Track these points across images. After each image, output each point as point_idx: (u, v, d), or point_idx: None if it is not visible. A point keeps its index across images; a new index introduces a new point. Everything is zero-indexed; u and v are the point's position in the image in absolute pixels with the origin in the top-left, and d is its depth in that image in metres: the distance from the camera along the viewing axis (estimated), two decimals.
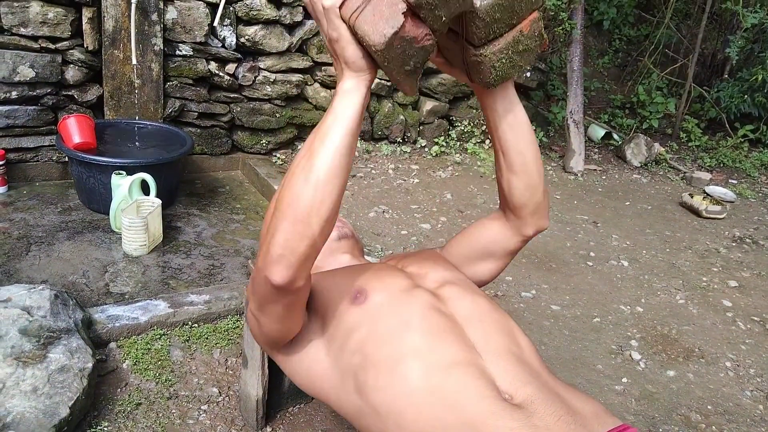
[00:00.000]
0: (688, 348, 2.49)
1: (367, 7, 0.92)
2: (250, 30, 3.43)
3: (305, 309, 1.19)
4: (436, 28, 0.96)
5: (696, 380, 2.28)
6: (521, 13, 1.06)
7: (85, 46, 3.02)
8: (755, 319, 2.79)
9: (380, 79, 4.07)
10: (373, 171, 4.00)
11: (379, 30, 0.91)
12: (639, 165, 5.04)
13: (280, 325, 1.15)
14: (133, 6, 2.97)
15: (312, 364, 1.19)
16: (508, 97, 1.19)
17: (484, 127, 4.72)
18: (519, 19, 1.07)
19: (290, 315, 1.13)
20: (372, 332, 1.11)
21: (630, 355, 2.38)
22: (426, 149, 4.52)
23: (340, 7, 0.94)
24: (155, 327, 1.99)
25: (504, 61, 1.09)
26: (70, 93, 3.07)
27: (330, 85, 3.86)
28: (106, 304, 2.08)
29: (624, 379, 2.23)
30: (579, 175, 4.60)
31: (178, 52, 3.27)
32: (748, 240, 3.78)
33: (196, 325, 2.06)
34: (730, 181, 5.00)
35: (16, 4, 2.80)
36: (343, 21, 0.95)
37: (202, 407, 1.76)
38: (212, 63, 3.40)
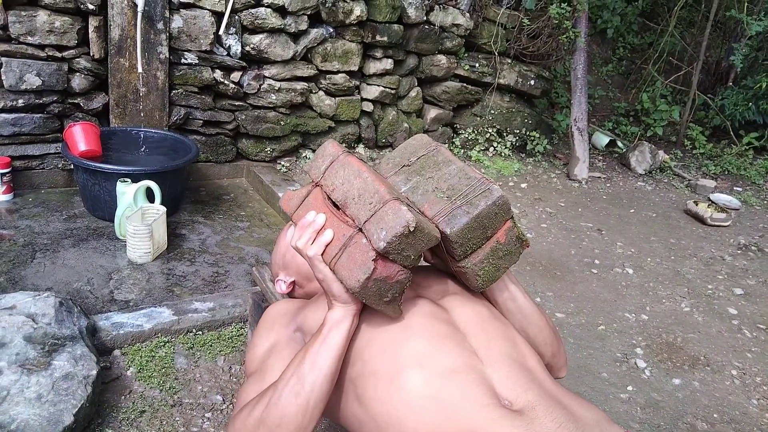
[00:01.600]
0: (693, 356, 2.48)
1: (343, 254, 1.05)
2: (255, 38, 3.45)
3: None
4: (408, 265, 1.06)
5: (702, 388, 2.27)
6: (493, 227, 1.16)
7: (91, 54, 3.04)
8: (761, 326, 2.78)
9: (384, 87, 4.08)
10: None
11: (354, 276, 1.03)
12: (643, 172, 5.03)
13: None
14: (139, 15, 2.99)
15: None
16: (506, 289, 1.26)
17: (488, 134, 4.72)
18: (493, 231, 1.17)
19: None
20: (372, 341, 1.11)
21: (635, 363, 2.37)
22: None
23: (323, 254, 1.07)
24: (159, 334, 1.99)
25: (487, 268, 1.18)
26: (76, 101, 3.09)
27: (334, 93, 3.87)
28: (111, 311, 2.08)
29: (629, 387, 2.21)
30: (583, 182, 4.60)
31: (183, 61, 3.29)
32: (753, 247, 3.76)
33: (200, 332, 2.06)
34: (734, 188, 4.99)
35: (23, 13, 2.82)
36: (326, 264, 1.08)
37: (206, 415, 1.76)
38: (217, 71, 3.42)
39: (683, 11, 6.18)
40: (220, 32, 3.31)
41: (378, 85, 4.08)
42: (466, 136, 4.69)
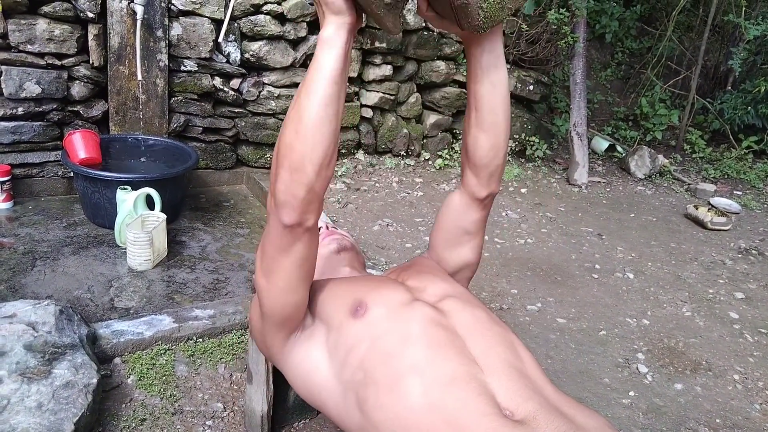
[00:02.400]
0: (695, 361, 2.47)
1: None
2: (255, 45, 3.45)
3: (308, 300, 1.22)
4: None
5: (704, 393, 2.26)
6: None
7: (90, 62, 3.05)
8: (763, 331, 2.77)
9: (383, 93, 4.09)
10: (377, 184, 4.00)
11: None
12: (643, 177, 5.04)
13: (287, 291, 1.17)
14: (139, 23, 3.00)
15: (312, 371, 1.18)
16: (495, 51, 1.19)
17: None
18: None
19: (298, 273, 1.16)
20: (372, 348, 1.10)
21: (637, 368, 2.36)
22: (430, 162, 4.52)
23: None
24: (160, 342, 1.99)
25: (491, 1, 1.06)
26: (75, 109, 3.10)
27: None
28: (111, 319, 2.08)
29: (631, 393, 2.21)
30: (583, 187, 4.60)
31: (183, 68, 3.29)
32: (754, 251, 3.76)
33: (200, 339, 2.06)
34: (734, 192, 4.99)
35: (23, 22, 2.83)
36: None
37: (206, 423, 1.75)
38: (217, 78, 3.42)
39: (681, 16, 6.20)
40: (220, 39, 3.32)
41: (377, 91, 4.09)
42: None
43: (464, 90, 4.53)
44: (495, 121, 1.23)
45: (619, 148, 5.45)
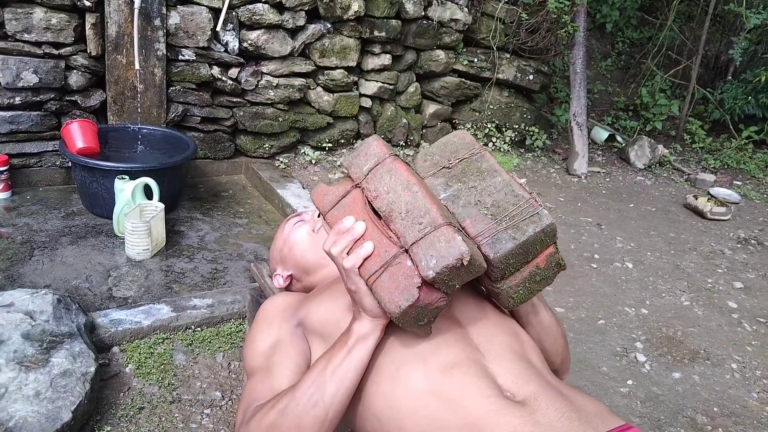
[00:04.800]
0: (693, 350, 2.48)
1: (384, 273, 0.97)
2: (253, 34, 3.44)
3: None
4: (449, 292, 0.99)
5: (702, 382, 2.27)
6: (536, 252, 1.09)
7: (88, 51, 3.03)
8: (761, 320, 2.78)
9: (382, 83, 4.08)
10: None
11: (395, 301, 0.96)
12: (643, 167, 5.03)
13: None
14: (136, 11, 2.98)
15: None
16: (532, 307, 1.23)
17: (487, 130, 4.71)
18: (534, 256, 1.10)
19: None
20: None
21: (635, 357, 2.37)
22: None
23: (359, 267, 0.99)
24: (158, 331, 1.99)
25: (521, 291, 1.12)
26: (73, 98, 3.08)
27: (333, 89, 3.86)
28: (109, 308, 2.08)
29: (629, 381, 2.21)
30: (583, 177, 4.59)
31: (181, 57, 3.28)
32: (753, 241, 3.76)
33: (199, 329, 2.06)
34: (734, 182, 4.98)
35: (19, 11, 2.81)
36: (362, 278, 1.00)
37: (205, 411, 1.76)
38: (215, 68, 3.41)
39: (682, 5, 6.17)
40: (218, 28, 3.30)
41: (376, 81, 4.07)
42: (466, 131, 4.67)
43: (463, 80, 4.52)
44: (542, 348, 1.23)
45: (618, 138, 5.44)
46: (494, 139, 4.73)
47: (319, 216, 1.48)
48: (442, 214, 0.98)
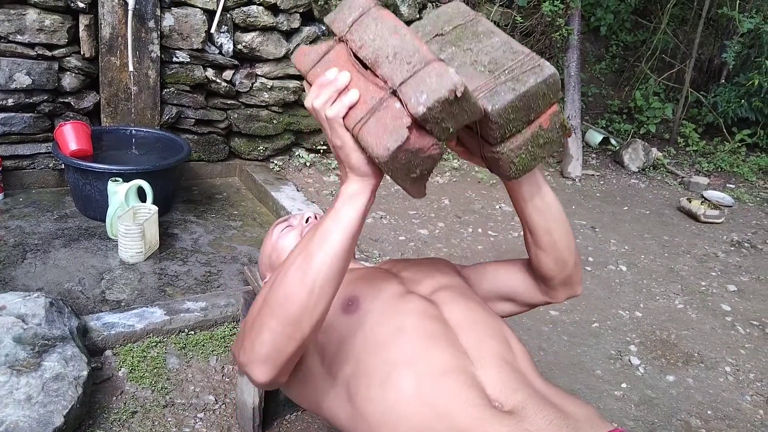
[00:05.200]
0: (687, 353, 2.48)
1: (371, 119, 0.90)
2: (248, 37, 3.43)
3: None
4: (444, 138, 0.93)
5: (695, 385, 2.27)
6: (539, 109, 1.01)
7: (81, 53, 3.02)
8: (754, 323, 2.79)
9: None
10: None
11: (383, 143, 0.89)
12: (637, 170, 5.04)
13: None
14: (130, 13, 2.97)
15: (307, 375, 1.17)
16: (535, 182, 1.15)
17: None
18: (537, 114, 1.02)
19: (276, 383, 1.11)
20: (364, 341, 1.10)
21: (629, 360, 2.37)
22: None
23: (344, 117, 0.92)
24: (151, 334, 1.98)
25: (523, 156, 1.04)
26: (66, 100, 3.07)
27: None
28: (102, 311, 2.07)
29: (623, 385, 2.21)
30: (577, 180, 4.60)
31: (175, 59, 3.27)
32: (746, 244, 3.77)
33: (192, 332, 2.05)
34: (727, 185, 5.00)
35: (12, 12, 2.80)
36: (347, 129, 0.93)
37: (198, 415, 1.75)
38: (209, 70, 3.40)
39: (676, 9, 6.19)
40: (212, 30, 3.29)
41: None
42: None
43: None
44: (552, 241, 1.19)
45: (612, 141, 5.46)
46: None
47: (307, 221, 1.47)
48: (432, 51, 0.90)
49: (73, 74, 3.03)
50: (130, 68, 3.07)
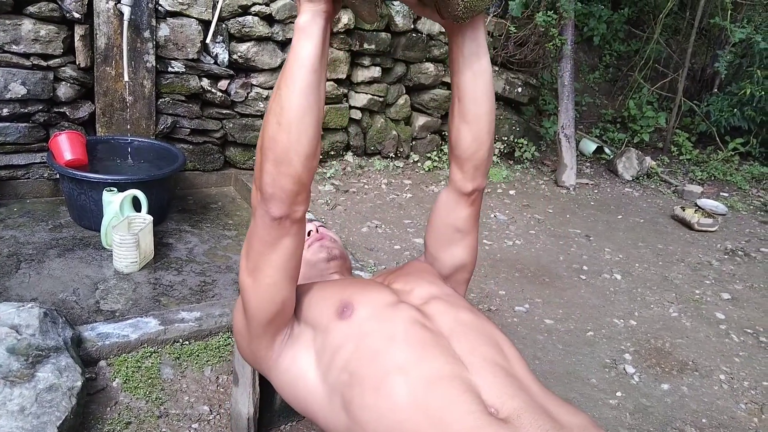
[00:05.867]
0: (682, 361, 2.49)
1: None
2: (243, 47, 3.44)
3: (294, 304, 1.21)
4: None
5: (690, 393, 2.27)
6: None
7: (77, 63, 3.03)
8: (748, 331, 2.79)
9: (372, 95, 4.09)
10: (366, 186, 4.00)
11: None
12: (631, 179, 5.06)
13: (274, 288, 1.15)
14: (126, 23, 2.98)
15: (299, 377, 1.18)
16: (477, 40, 1.19)
17: None
18: None
19: (286, 269, 1.14)
20: (358, 349, 1.10)
21: (624, 369, 2.37)
22: (419, 164, 4.52)
23: None
24: (146, 345, 1.97)
25: None
26: (61, 110, 3.07)
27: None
28: (97, 321, 2.06)
29: (618, 393, 2.22)
30: (571, 189, 4.62)
31: (170, 69, 3.28)
32: (740, 252, 3.79)
33: (187, 342, 2.04)
34: (721, 194, 5.02)
35: (8, 22, 2.80)
36: None
37: (192, 426, 1.74)
38: (205, 80, 3.41)
39: (668, 19, 6.24)
40: (207, 40, 3.30)
41: (366, 93, 4.09)
42: None
43: None
44: (477, 113, 1.23)
45: (606, 150, 5.48)
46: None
47: (309, 234, 1.48)
48: None
49: (69, 84, 3.03)
50: (126, 78, 3.08)
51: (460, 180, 1.32)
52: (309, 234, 1.50)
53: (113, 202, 2.61)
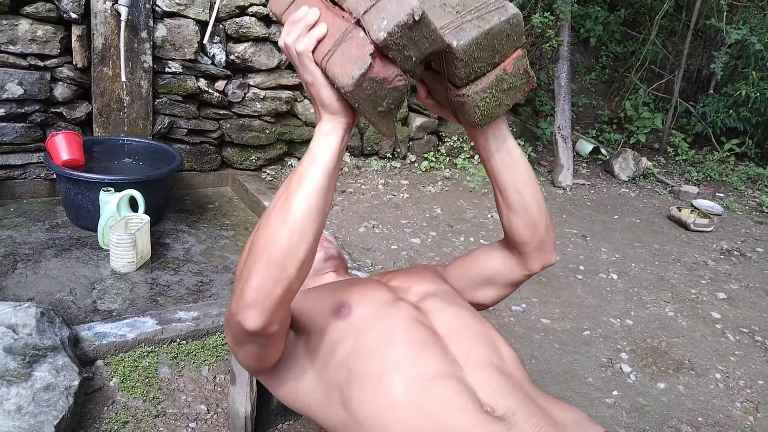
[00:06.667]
0: (678, 360, 2.49)
1: (337, 50, 0.93)
2: (240, 47, 3.45)
3: (286, 336, 1.18)
4: (408, 69, 0.95)
5: (686, 392, 2.28)
6: (503, 51, 1.05)
7: (74, 63, 3.03)
8: (744, 330, 2.81)
9: None
10: (363, 186, 4.00)
11: (348, 72, 0.91)
12: (627, 179, 5.08)
13: (257, 360, 1.15)
14: (123, 23, 2.98)
15: (298, 380, 1.18)
16: (501, 135, 1.17)
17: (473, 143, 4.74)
18: (501, 57, 1.06)
19: (267, 353, 1.12)
20: (356, 346, 1.11)
21: (620, 368, 2.38)
22: (416, 164, 4.53)
23: (313, 51, 0.95)
24: (143, 344, 1.97)
25: (488, 100, 1.08)
26: (58, 110, 3.07)
27: None
28: (93, 321, 2.06)
29: (615, 392, 2.22)
30: (567, 189, 4.63)
31: (167, 69, 3.28)
32: (735, 252, 3.80)
33: (184, 341, 2.04)
34: (717, 194, 5.04)
35: (4, 22, 2.80)
36: (317, 65, 0.96)
37: (190, 425, 1.74)
38: (202, 80, 3.41)
39: (664, 20, 6.26)
40: (205, 41, 3.31)
41: None
42: (452, 144, 4.71)
43: None
44: (521, 200, 1.20)
45: (603, 151, 5.50)
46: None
47: None
48: None
49: (66, 84, 3.03)
50: (123, 78, 3.08)
51: (524, 260, 1.30)
52: None
53: (110, 202, 2.61)
